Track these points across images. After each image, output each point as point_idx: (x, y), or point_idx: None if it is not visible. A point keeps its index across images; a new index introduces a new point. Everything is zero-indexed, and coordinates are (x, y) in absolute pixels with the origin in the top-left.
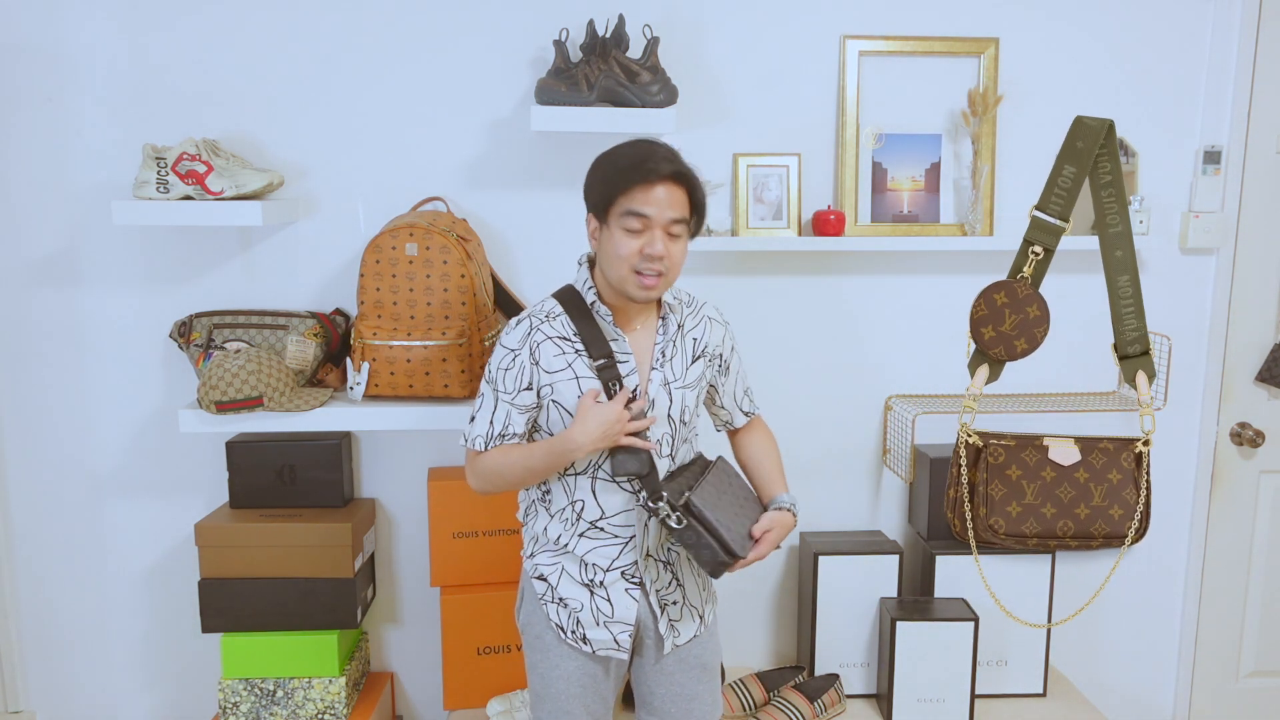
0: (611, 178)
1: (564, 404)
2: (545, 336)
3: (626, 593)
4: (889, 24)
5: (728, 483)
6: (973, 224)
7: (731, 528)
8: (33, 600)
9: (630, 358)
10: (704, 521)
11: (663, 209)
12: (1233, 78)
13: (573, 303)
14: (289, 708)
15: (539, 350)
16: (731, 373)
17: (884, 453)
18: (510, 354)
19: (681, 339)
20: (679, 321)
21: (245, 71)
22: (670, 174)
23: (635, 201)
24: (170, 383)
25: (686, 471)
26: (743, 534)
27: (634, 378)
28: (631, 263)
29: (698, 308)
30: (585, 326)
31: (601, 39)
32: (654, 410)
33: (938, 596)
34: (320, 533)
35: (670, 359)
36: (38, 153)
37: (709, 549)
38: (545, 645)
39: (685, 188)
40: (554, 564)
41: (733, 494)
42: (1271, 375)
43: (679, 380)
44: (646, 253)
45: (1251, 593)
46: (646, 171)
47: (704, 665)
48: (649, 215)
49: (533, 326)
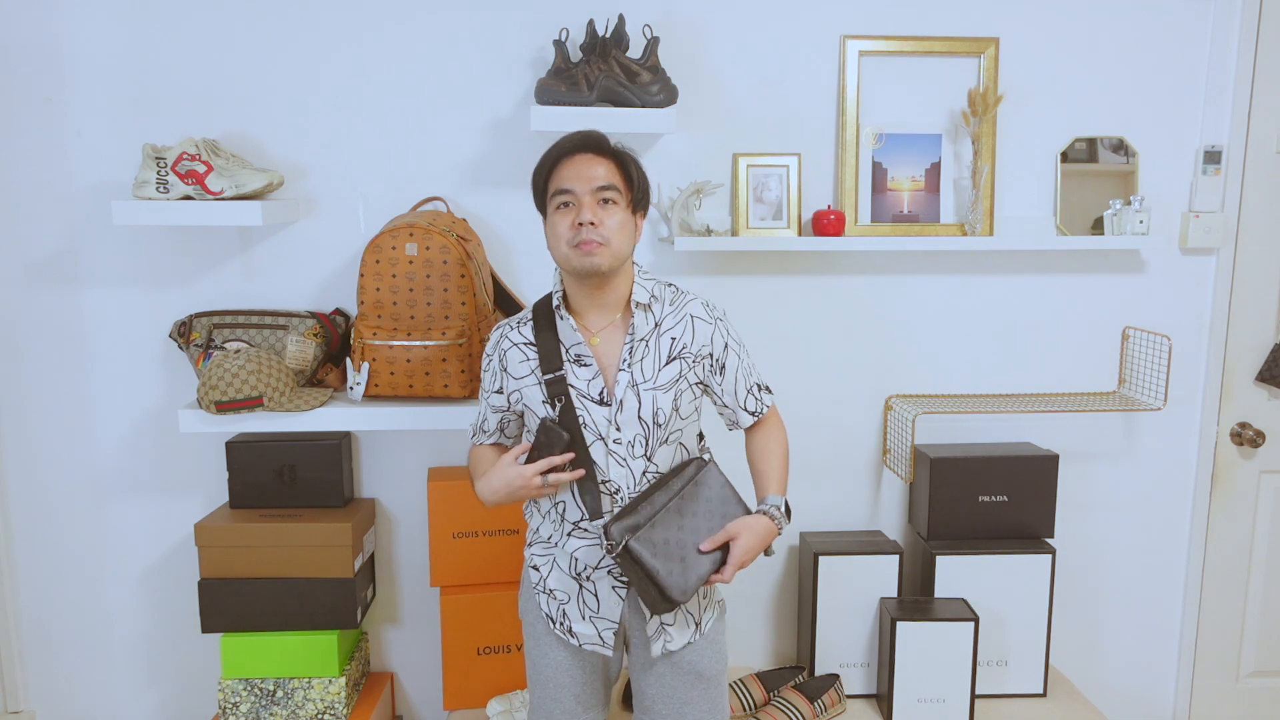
0: (536, 168)
1: (533, 408)
2: (511, 344)
3: (613, 590)
4: (889, 24)
5: (703, 503)
6: (973, 224)
7: (675, 571)
8: (33, 600)
9: (593, 361)
10: (643, 566)
11: (585, 180)
12: (1233, 78)
13: (543, 309)
14: (289, 708)
15: (506, 357)
16: (728, 372)
17: (884, 453)
18: (487, 358)
19: (656, 339)
20: (656, 319)
21: (245, 71)
22: (579, 142)
23: (558, 179)
24: (170, 383)
25: (661, 490)
26: (693, 575)
27: (599, 381)
28: (568, 238)
29: (681, 305)
30: (545, 338)
31: (601, 39)
32: (624, 412)
33: (938, 596)
34: (320, 533)
35: (640, 360)
36: (38, 153)
37: (648, 592)
38: (537, 633)
39: (609, 159)
40: (546, 555)
41: (703, 515)
42: (1271, 375)
43: (649, 382)
44: (578, 223)
45: (1251, 593)
46: (561, 148)
47: (699, 673)
48: (572, 189)
49: (503, 334)
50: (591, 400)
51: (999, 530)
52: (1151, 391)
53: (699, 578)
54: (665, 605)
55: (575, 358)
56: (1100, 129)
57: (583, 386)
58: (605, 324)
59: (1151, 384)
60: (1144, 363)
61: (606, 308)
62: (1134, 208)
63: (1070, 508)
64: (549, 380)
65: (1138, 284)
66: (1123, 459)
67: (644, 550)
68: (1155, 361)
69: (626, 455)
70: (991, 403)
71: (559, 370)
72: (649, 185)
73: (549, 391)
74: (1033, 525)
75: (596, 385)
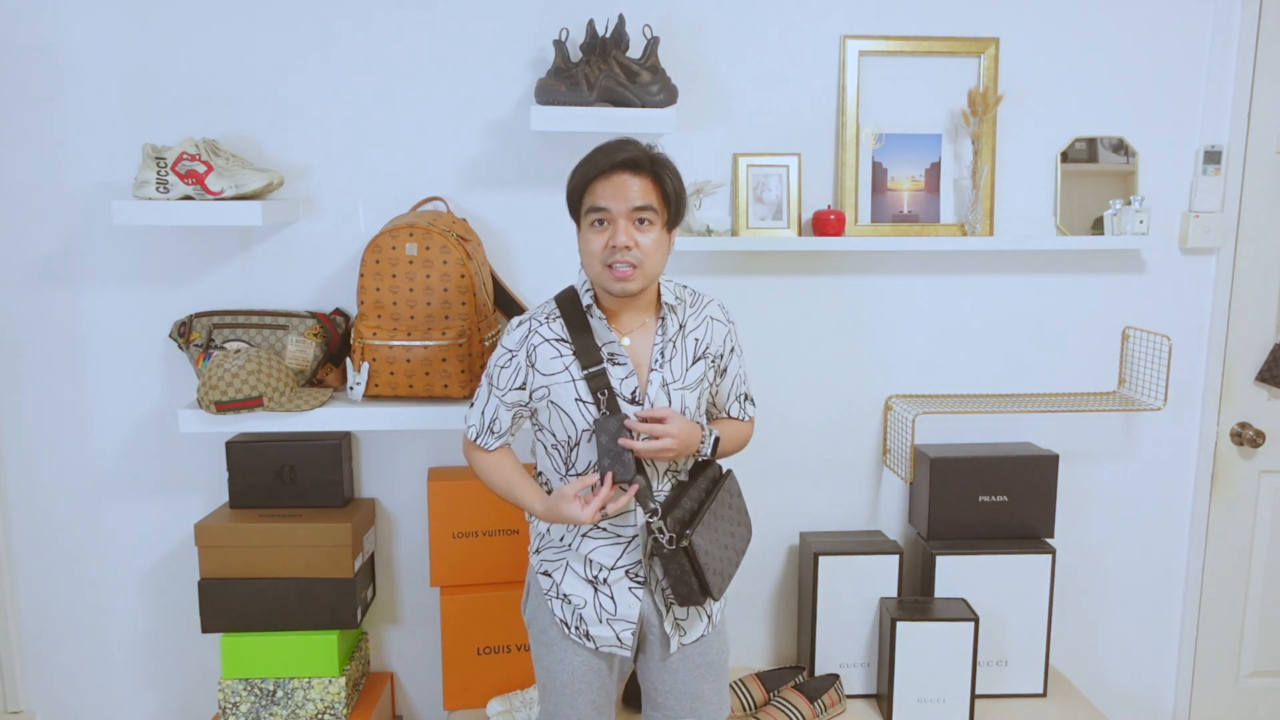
0: (574, 177)
1: (561, 405)
2: (543, 339)
3: (630, 591)
4: (889, 24)
5: (727, 509)
6: (973, 224)
7: (718, 569)
8: (33, 600)
9: (628, 361)
10: (694, 562)
11: (622, 200)
12: (1233, 78)
13: (570, 306)
14: (289, 708)
15: (536, 353)
16: (729, 375)
17: (884, 453)
18: (509, 354)
19: (683, 339)
20: (681, 321)
21: (245, 71)
22: (622, 161)
23: (595, 196)
24: (170, 383)
25: (692, 489)
26: (726, 573)
27: (632, 380)
28: (601, 258)
29: (701, 306)
30: (578, 333)
31: (601, 39)
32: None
33: (938, 596)
34: (320, 533)
35: (670, 360)
36: (38, 153)
37: (687, 584)
38: (550, 640)
39: (649, 176)
40: (558, 560)
41: (728, 519)
42: (1271, 375)
43: (679, 381)
44: (612, 245)
45: (1251, 593)
46: (598, 164)
47: (710, 664)
48: (608, 208)
49: (531, 329)
50: (624, 399)
51: (999, 530)
52: (1151, 391)
53: (728, 578)
54: (699, 599)
55: (609, 356)
56: (1100, 129)
57: (616, 385)
58: (635, 325)
59: (1151, 384)
60: (1144, 363)
61: (637, 309)
62: (1134, 208)
63: (1070, 508)
64: (590, 374)
65: (1138, 284)
66: (1123, 459)
67: (702, 547)
68: (1155, 361)
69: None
70: (991, 403)
71: (599, 365)
72: (685, 196)
73: (591, 386)
74: (1033, 525)
75: (630, 384)
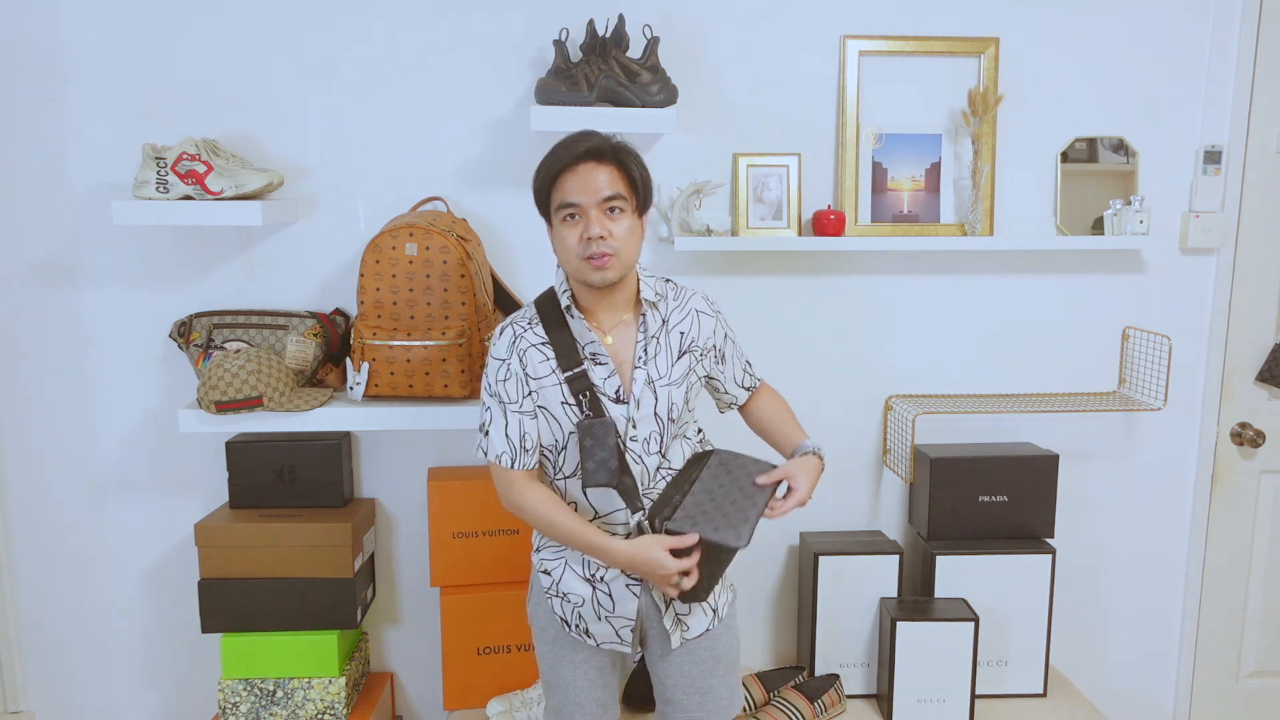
0: (539, 175)
1: (550, 410)
2: (529, 344)
3: (627, 588)
4: (889, 24)
5: (726, 477)
6: (973, 224)
7: (722, 526)
8: (32, 600)
9: (609, 360)
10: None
11: (591, 191)
12: (1233, 78)
13: (548, 308)
14: (289, 708)
15: (526, 357)
16: (728, 360)
17: (884, 453)
18: (502, 364)
19: (666, 335)
20: (664, 317)
21: (245, 71)
22: (585, 152)
23: (563, 192)
24: (170, 383)
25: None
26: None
27: (615, 379)
28: (578, 251)
29: (684, 300)
30: (558, 335)
31: (601, 39)
32: (640, 409)
33: (938, 596)
34: (320, 533)
35: (654, 356)
36: (38, 153)
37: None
38: (551, 637)
39: (614, 165)
40: (558, 559)
41: (734, 487)
42: (1271, 375)
43: (664, 378)
44: (586, 236)
45: (1251, 593)
46: (562, 159)
47: (717, 658)
48: (578, 202)
49: (516, 334)
50: (608, 398)
51: (999, 530)
52: (1151, 391)
53: (749, 521)
54: (730, 554)
55: (591, 356)
56: (1100, 129)
57: (599, 384)
58: (615, 322)
59: (1151, 384)
60: (1144, 363)
61: (616, 306)
62: (1134, 208)
63: (1070, 508)
64: (571, 377)
65: (1138, 284)
66: (1123, 459)
67: (684, 526)
68: (1155, 361)
69: (642, 452)
70: (992, 403)
71: (580, 366)
72: (651, 181)
73: (573, 388)
74: (1033, 525)
75: (613, 383)
